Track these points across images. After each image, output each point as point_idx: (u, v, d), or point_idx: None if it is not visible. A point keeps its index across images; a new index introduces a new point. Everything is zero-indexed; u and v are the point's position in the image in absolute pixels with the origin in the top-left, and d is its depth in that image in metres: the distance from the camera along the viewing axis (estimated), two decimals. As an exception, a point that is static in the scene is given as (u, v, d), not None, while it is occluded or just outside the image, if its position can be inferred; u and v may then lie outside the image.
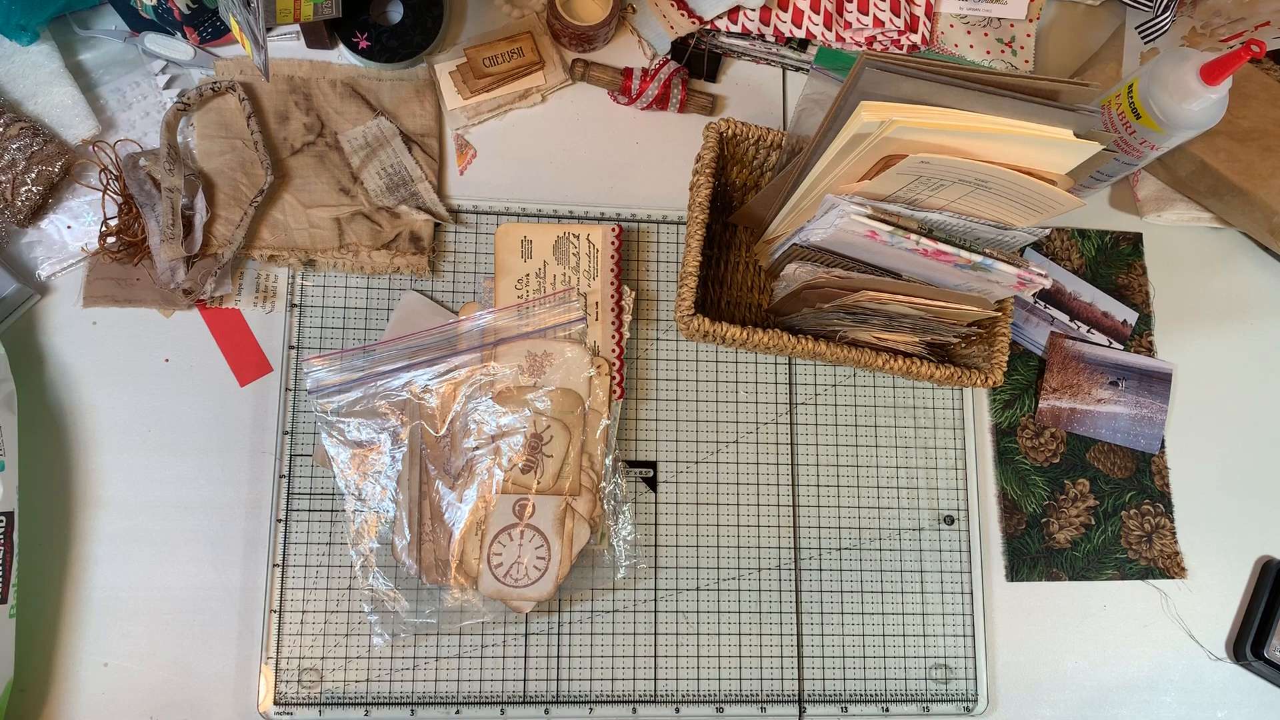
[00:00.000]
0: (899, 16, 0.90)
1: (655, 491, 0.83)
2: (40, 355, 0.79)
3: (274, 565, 0.77)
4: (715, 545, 0.82)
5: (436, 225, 0.85)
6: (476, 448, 0.78)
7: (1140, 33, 0.92)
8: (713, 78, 0.93)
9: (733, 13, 0.89)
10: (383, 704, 0.76)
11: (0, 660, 0.70)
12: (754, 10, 0.89)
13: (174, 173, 0.80)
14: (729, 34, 0.91)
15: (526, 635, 0.79)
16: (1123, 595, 0.86)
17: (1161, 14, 0.90)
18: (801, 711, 0.80)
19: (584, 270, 0.84)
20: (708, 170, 0.79)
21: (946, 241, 0.69)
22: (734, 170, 0.86)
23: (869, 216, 0.68)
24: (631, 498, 0.82)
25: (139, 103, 0.85)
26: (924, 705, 0.81)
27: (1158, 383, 0.91)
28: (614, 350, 0.82)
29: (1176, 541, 0.88)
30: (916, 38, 0.90)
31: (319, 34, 0.86)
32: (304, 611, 0.77)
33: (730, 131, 0.80)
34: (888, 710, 0.81)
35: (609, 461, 0.80)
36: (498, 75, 0.88)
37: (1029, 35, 0.94)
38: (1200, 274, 0.95)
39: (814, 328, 0.82)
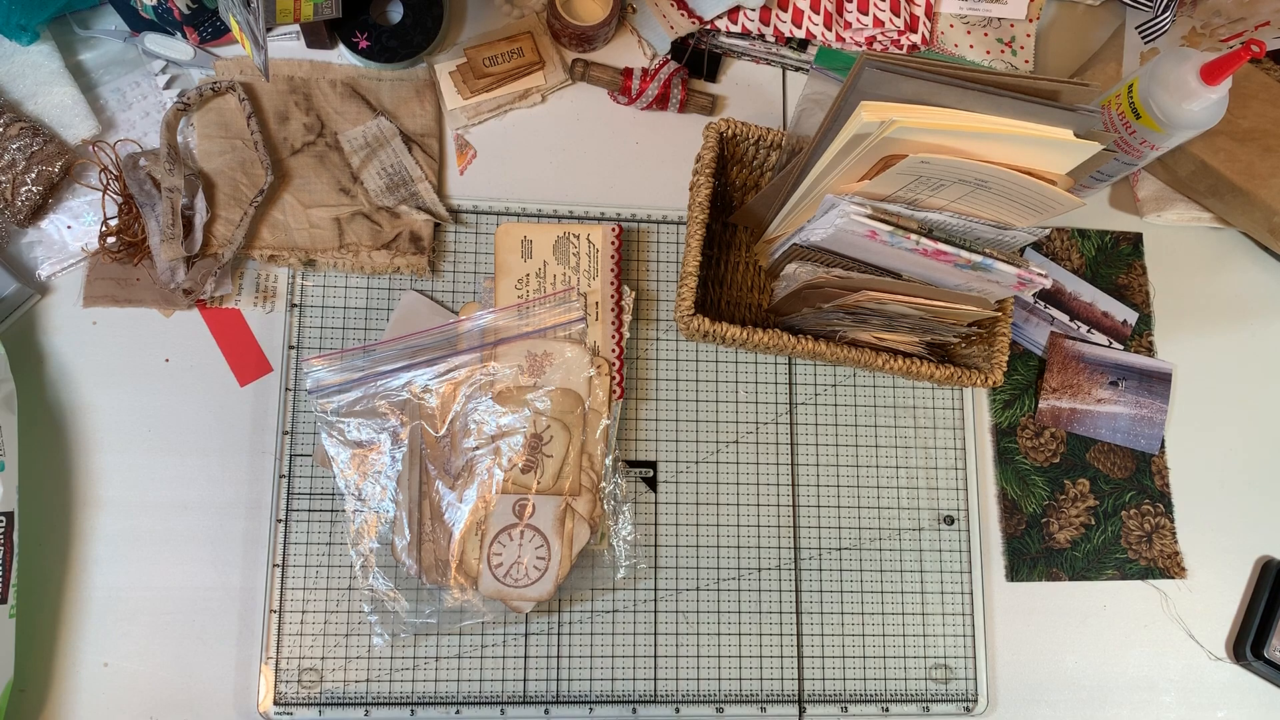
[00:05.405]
0: (899, 16, 0.90)
1: (655, 491, 0.83)
2: (40, 355, 0.79)
3: (274, 565, 0.77)
4: (715, 545, 0.82)
5: (436, 225, 0.85)
6: (476, 448, 0.78)
7: (1140, 33, 0.92)
8: (713, 78, 0.93)
9: (733, 13, 0.89)
10: (383, 704, 0.76)
11: (0, 660, 0.70)
12: (754, 10, 0.89)
13: (174, 173, 0.80)
14: (729, 34, 0.91)
15: (526, 635, 0.79)
16: (1123, 595, 0.86)
17: (1161, 14, 0.90)
18: (801, 711, 0.80)
19: (584, 270, 0.84)
20: (708, 170, 0.79)
21: (946, 241, 0.69)
22: (734, 170, 0.86)
23: (869, 216, 0.68)
24: (631, 498, 0.82)
25: (139, 103, 0.85)
26: (924, 705, 0.81)
27: (1158, 383, 0.91)
28: (614, 350, 0.82)
29: (1176, 541, 0.88)
30: (916, 38, 0.90)
31: (319, 34, 0.86)
32: (304, 612, 0.77)
33: (730, 131, 0.80)
34: (888, 710, 0.80)
35: (609, 461, 0.80)
36: (498, 75, 0.88)
37: (1029, 35, 0.94)
38: (1200, 274, 0.95)
39: (814, 328, 0.82)
